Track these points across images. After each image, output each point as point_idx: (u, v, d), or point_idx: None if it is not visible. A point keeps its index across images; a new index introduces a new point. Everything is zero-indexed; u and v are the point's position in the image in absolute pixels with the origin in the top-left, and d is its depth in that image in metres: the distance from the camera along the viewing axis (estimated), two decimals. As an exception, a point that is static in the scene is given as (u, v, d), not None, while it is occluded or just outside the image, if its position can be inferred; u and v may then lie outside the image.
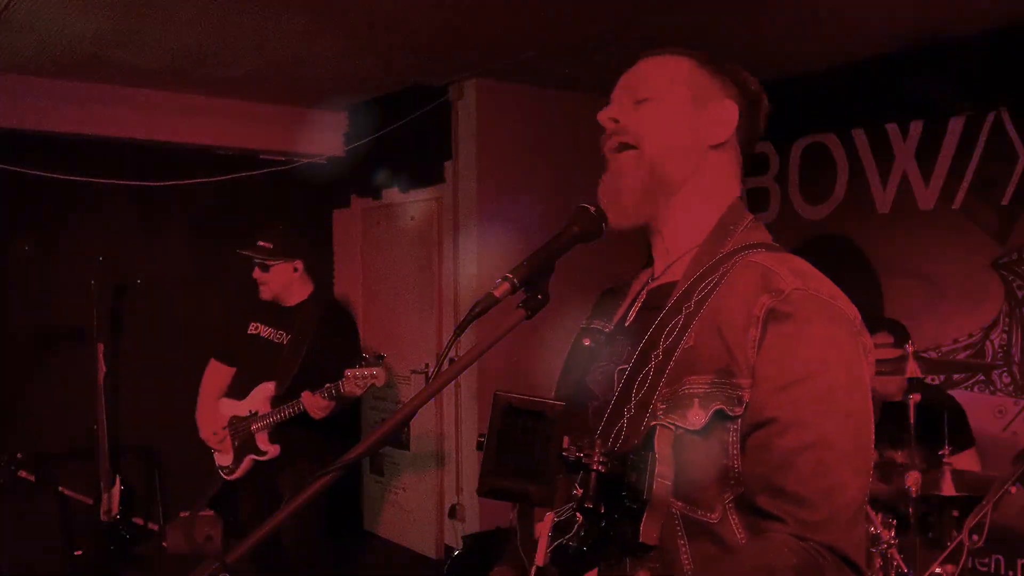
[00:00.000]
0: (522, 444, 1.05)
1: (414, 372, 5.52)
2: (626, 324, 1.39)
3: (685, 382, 1.20)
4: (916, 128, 4.38)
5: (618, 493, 1.08)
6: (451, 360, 1.17)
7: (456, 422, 5.22)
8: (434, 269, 5.32)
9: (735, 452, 1.17)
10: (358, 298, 6.00)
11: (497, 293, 1.17)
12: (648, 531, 1.05)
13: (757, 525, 1.17)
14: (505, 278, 1.19)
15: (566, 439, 1.06)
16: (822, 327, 1.19)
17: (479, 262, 5.00)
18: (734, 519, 1.18)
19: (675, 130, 1.35)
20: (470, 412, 5.12)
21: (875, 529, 2.91)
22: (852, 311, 1.24)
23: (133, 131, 5.15)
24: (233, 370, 3.99)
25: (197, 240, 5.59)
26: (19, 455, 4.79)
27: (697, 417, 1.17)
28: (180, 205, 5.46)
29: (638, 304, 1.39)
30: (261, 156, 5.74)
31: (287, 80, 5.01)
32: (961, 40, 4.13)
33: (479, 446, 1.07)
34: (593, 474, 1.07)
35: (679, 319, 1.25)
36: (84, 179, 5.09)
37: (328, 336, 3.79)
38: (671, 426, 1.16)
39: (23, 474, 4.84)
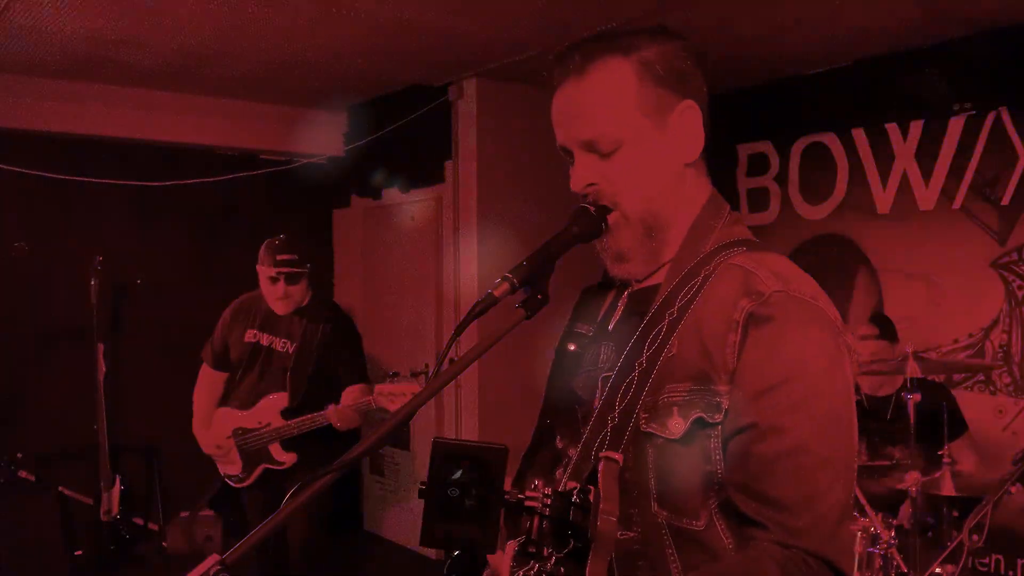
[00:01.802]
0: (464, 489, 1.03)
1: (414, 372, 5.51)
2: (609, 328, 1.37)
3: (665, 390, 1.19)
4: (916, 128, 4.38)
5: (564, 533, 1.06)
6: (451, 360, 1.17)
7: (456, 422, 5.22)
8: (434, 269, 5.32)
9: (718, 458, 1.16)
10: (358, 298, 6.00)
11: (497, 293, 1.17)
12: (595, 570, 1.03)
13: (742, 531, 1.16)
14: (505, 278, 1.18)
15: (508, 481, 1.04)
16: (802, 329, 1.17)
17: (479, 262, 5.00)
18: (720, 525, 1.17)
19: (653, 173, 1.27)
20: (470, 412, 5.12)
21: (875, 529, 2.91)
22: (833, 311, 1.22)
23: (133, 131, 5.16)
24: (225, 376, 3.85)
25: (197, 240, 5.59)
26: (19, 455, 4.79)
27: (677, 426, 1.16)
28: (180, 205, 5.46)
29: (620, 308, 1.37)
30: (261, 156, 5.74)
31: (287, 80, 5.01)
32: (961, 40, 4.13)
33: (420, 494, 1.04)
34: (536, 516, 1.05)
35: (662, 326, 1.23)
36: (84, 179, 5.10)
37: (336, 344, 3.69)
38: (616, 460, 1.14)
39: (23, 474, 4.84)
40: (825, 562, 1.12)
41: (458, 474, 1.03)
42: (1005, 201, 4.06)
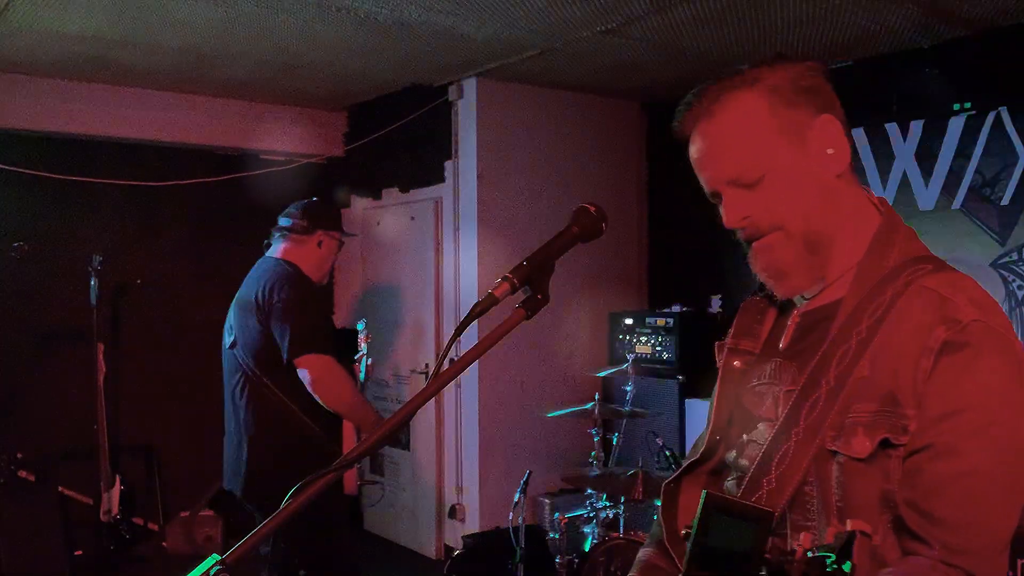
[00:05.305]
0: (726, 542, 1.07)
1: (414, 372, 5.52)
2: (781, 347, 1.37)
3: (853, 410, 1.20)
4: (916, 128, 4.38)
5: None
6: (451, 360, 1.17)
7: (456, 422, 5.22)
8: (434, 269, 5.32)
9: (897, 477, 1.17)
10: (358, 298, 6.00)
11: (497, 293, 1.17)
12: None
13: (905, 545, 1.18)
14: (505, 278, 1.18)
15: (770, 541, 1.06)
16: (993, 360, 1.17)
17: (479, 262, 5.00)
18: (890, 540, 1.19)
19: (803, 192, 1.28)
20: (470, 412, 5.12)
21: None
22: (1020, 344, 1.22)
23: (133, 131, 5.16)
24: None
25: (197, 240, 5.59)
26: (19, 455, 4.79)
27: (862, 446, 1.17)
28: (180, 205, 5.46)
29: (792, 326, 1.37)
30: (261, 156, 5.74)
31: (287, 80, 5.01)
32: (961, 40, 4.13)
33: (685, 537, 1.08)
34: None
35: (850, 345, 1.23)
36: (84, 179, 5.10)
37: None
38: (869, 534, 1.16)
39: (23, 474, 4.84)
40: None
41: (722, 527, 1.07)
42: (1005, 201, 4.06)
